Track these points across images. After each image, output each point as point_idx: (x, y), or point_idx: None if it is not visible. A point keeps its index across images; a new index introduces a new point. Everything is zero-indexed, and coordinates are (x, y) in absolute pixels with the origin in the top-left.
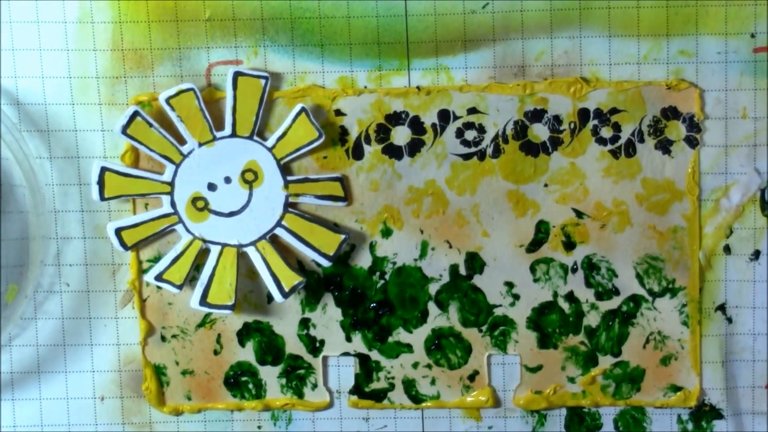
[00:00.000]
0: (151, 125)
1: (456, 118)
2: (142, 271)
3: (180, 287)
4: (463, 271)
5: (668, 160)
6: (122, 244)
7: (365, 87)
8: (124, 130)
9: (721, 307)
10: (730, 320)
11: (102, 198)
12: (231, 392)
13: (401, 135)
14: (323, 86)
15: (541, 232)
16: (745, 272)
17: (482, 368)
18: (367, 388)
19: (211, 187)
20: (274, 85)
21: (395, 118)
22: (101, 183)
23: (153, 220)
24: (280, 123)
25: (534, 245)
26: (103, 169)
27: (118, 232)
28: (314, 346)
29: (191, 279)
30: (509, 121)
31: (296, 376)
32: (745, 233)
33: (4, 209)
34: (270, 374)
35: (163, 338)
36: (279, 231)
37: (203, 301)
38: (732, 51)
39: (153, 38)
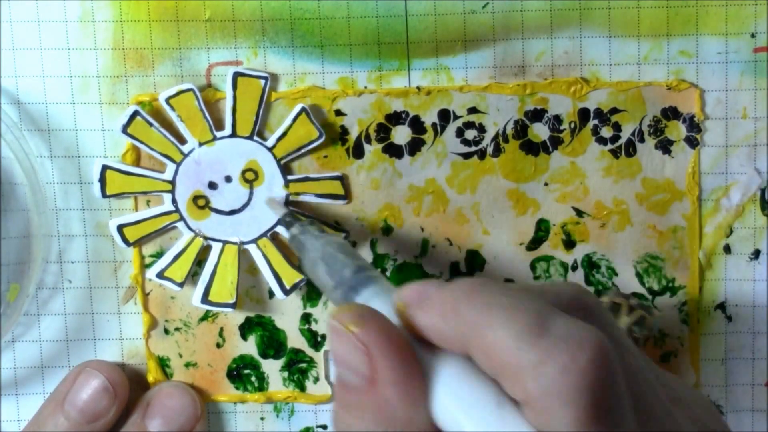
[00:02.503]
0: (151, 125)
1: (456, 117)
2: (144, 266)
3: (181, 285)
4: (463, 268)
5: (668, 160)
6: (124, 240)
7: (365, 87)
8: (125, 130)
9: (721, 306)
10: (729, 318)
11: (104, 195)
12: (234, 385)
13: (401, 134)
14: (323, 87)
15: (542, 230)
16: (744, 271)
17: None
18: None
19: (212, 185)
20: (274, 86)
21: (395, 118)
22: (103, 181)
23: (155, 217)
24: (280, 123)
25: (534, 243)
26: (105, 168)
27: (120, 228)
28: (316, 340)
29: (193, 274)
30: (509, 121)
31: (298, 369)
32: (745, 233)
33: (5, 208)
34: (272, 367)
35: (166, 331)
36: (280, 229)
37: (205, 299)
38: (732, 51)
39: (154, 38)
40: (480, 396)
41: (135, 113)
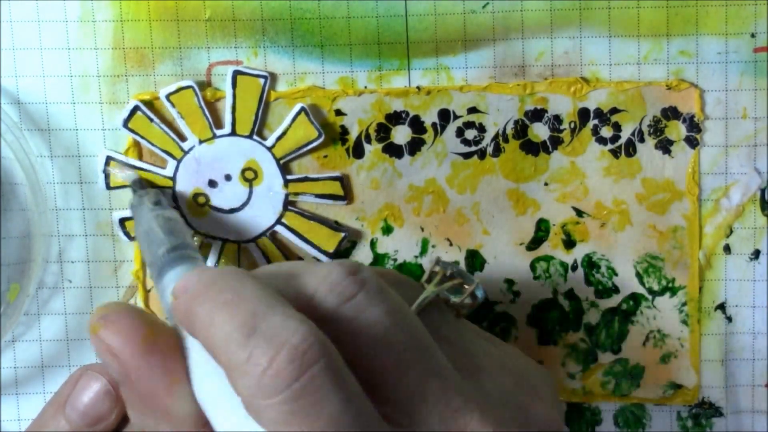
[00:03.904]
0: (151, 120)
1: (456, 117)
2: (145, 263)
3: None
4: (463, 268)
5: (668, 160)
6: (126, 233)
7: (365, 87)
8: (126, 124)
9: (721, 306)
10: (729, 319)
11: (108, 186)
12: None
13: (402, 134)
14: (323, 87)
15: (542, 230)
16: (745, 272)
17: None
18: None
19: (212, 183)
20: (274, 86)
21: (395, 118)
22: (107, 172)
23: None
24: (279, 123)
25: (534, 243)
26: (109, 159)
27: (122, 222)
28: None
29: None
30: (509, 121)
31: None
32: (745, 233)
33: (5, 207)
34: None
35: None
36: (279, 228)
37: None
38: (732, 51)
39: (154, 37)
40: (219, 391)
41: (135, 108)
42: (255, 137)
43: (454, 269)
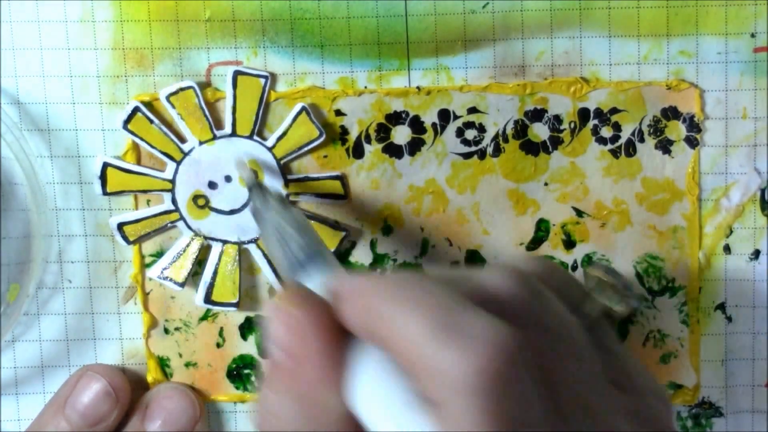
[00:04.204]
0: (152, 122)
1: (456, 117)
2: (144, 266)
3: (182, 285)
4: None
5: (668, 160)
6: (124, 238)
7: (365, 87)
8: (125, 125)
9: (721, 306)
10: (729, 319)
11: (104, 193)
12: (234, 384)
13: (401, 134)
14: (323, 87)
15: (542, 230)
16: (744, 272)
17: None
18: None
19: (212, 185)
20: (274, 86)
21: (395, 118)
22: (103, 178)
23: (155, 216)
24: (279, 123)
25: (534, 243)
26: (105, 165)
27: (121, 226)
28: None
29: (193, 274)
30: (509, 121)
31: None
32: (745, 233)
33: (5, 207)
34: None
35: (166, 330)
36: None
37: (208, 299)
38: (732, 51)
39: (154, 38)
40: (390, 393)
41: (136, 109)
42: (255, 138)
43: (621, 281)
